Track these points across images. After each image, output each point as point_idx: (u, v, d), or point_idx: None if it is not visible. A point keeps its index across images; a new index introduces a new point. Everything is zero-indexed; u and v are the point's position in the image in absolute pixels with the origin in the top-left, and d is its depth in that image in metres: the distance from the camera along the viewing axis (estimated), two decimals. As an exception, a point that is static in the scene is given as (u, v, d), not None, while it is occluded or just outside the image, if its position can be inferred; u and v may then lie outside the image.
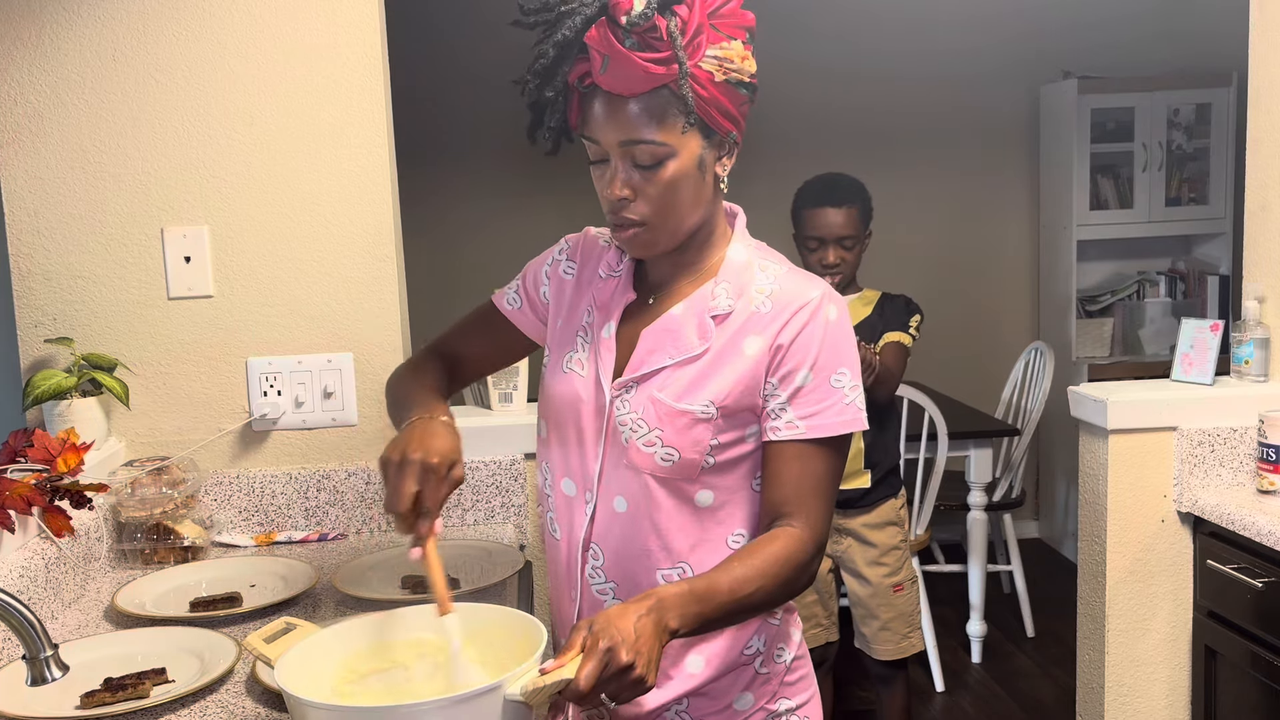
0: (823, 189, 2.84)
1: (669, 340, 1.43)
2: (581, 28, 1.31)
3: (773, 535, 1.38)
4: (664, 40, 1.29)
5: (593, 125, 1.36)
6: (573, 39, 1.32)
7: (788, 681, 1.50)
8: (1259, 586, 2.33)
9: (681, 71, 1.29)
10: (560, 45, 1.32)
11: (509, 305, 1.63)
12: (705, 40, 1.32)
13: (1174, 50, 5.18)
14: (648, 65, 1.29)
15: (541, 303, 1.59)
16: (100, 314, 2.25)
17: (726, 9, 1.34)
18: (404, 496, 1.31)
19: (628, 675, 1.17)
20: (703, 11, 1.32)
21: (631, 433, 1.41)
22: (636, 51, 1.29)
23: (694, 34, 1.31)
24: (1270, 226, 2.61)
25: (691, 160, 1.36)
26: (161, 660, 1.62)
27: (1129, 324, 5.25)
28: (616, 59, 1.29)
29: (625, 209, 1.38)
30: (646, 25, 1.28)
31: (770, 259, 1.47)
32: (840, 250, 2.81)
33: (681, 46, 1.29)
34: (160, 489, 2.15)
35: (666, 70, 1.30)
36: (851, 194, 2.84)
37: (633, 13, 1.28)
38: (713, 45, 1.33)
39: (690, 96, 1.31)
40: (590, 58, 1.32)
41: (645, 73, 1.29)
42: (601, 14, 1.30)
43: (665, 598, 1.26)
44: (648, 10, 1.27)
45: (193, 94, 2.22)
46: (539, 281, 1.59)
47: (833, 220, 2.80)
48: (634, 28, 1.28)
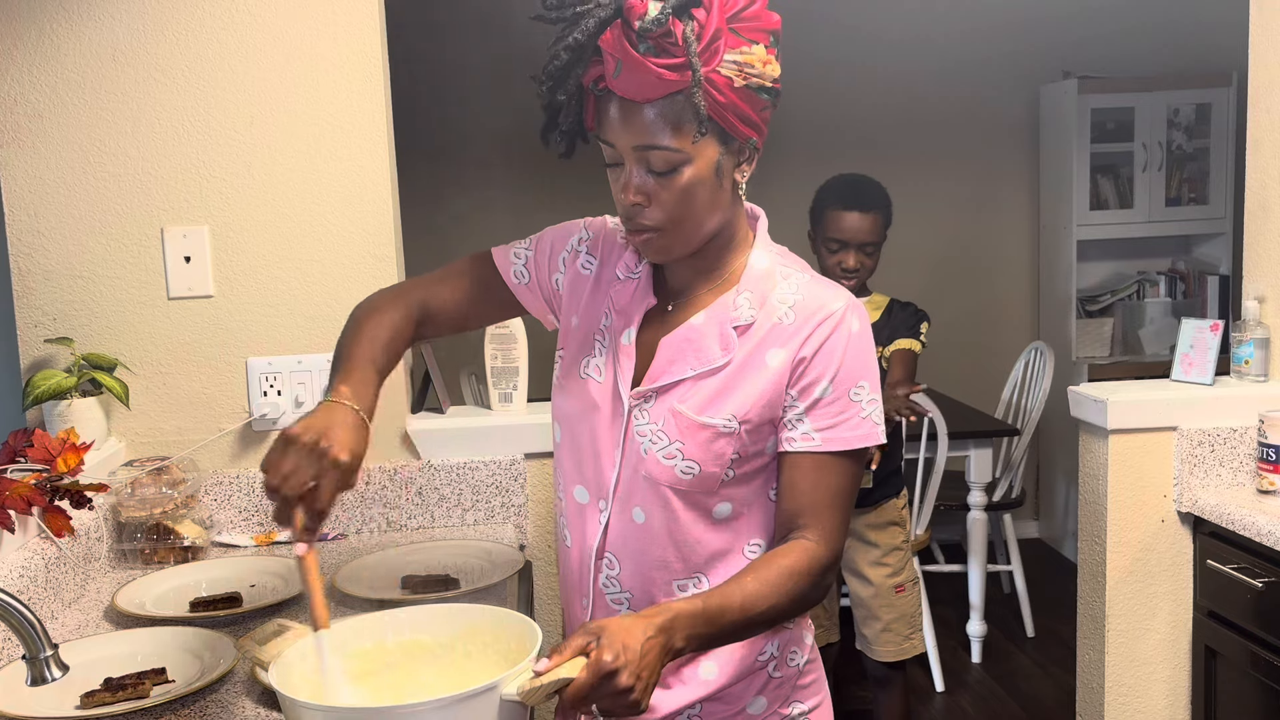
0: (850, 192, 2.81)
1: (690, 350, 1.40)
2: (595, 31, 1.27)
3: (788, 549, 1.37)
4: (679, 46, 1.25)
5: (607, 129, 1.33)
6: (585, 42, 1.28)
7: (800, 685, 1.49)
8: (1259, 586, 2.33)
9: (694, 79, 1.26)
10: (573, 48, 1.29)
11: (515, 279, 1.55)
12: (724, 45, 1.28)
13: (1174, 50, 5.17)
14: (661, 71, 1.26)
15: (553, 288, 1.54)
16: (100, 314, 2.25)
17: (748, 12, 1.30)
18: (298, 484, 1.26)
19: (625, 697, 1.17)
20: (722, 16, 1.28)
21: (651, 444, 1.39)
22: (651, 57, 1.25)
23: (711, 39, 1.27)
24: (1270, 226, 2.60)
25: (708, 167, 1.33)
26: (161, 660, 1.62)
27: (1129, 324, 5.25)
28: (630, 64, 1.26)
29: (639, 214, 1.35)
30: (661, 30, 1.24)
31: (792, 266, 1.44)
32: (861, 255, 2.80)
33: (696, 53, 1.25)
34: (160, 489, 2.15)
35: (680, 77, 1.26)
36: (878, 200, 2.81)
37: (647, 17, 1.24)
38: (732, 50, 1.29)
39: (702, 104, 1.27)
40: (604, 61, 1.29)
41: (658, 79, 1.26)
42: (616, 17, 1.26)
43: (679, 615, 1.25)
44: (661, 15, 1.24)
45: (193, 94, 2.22)
46: (555, 267, 1.53)
47: (858, 225, 2.78)
48: (648, 33, 1.24)
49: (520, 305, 1.57)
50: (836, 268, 2.79)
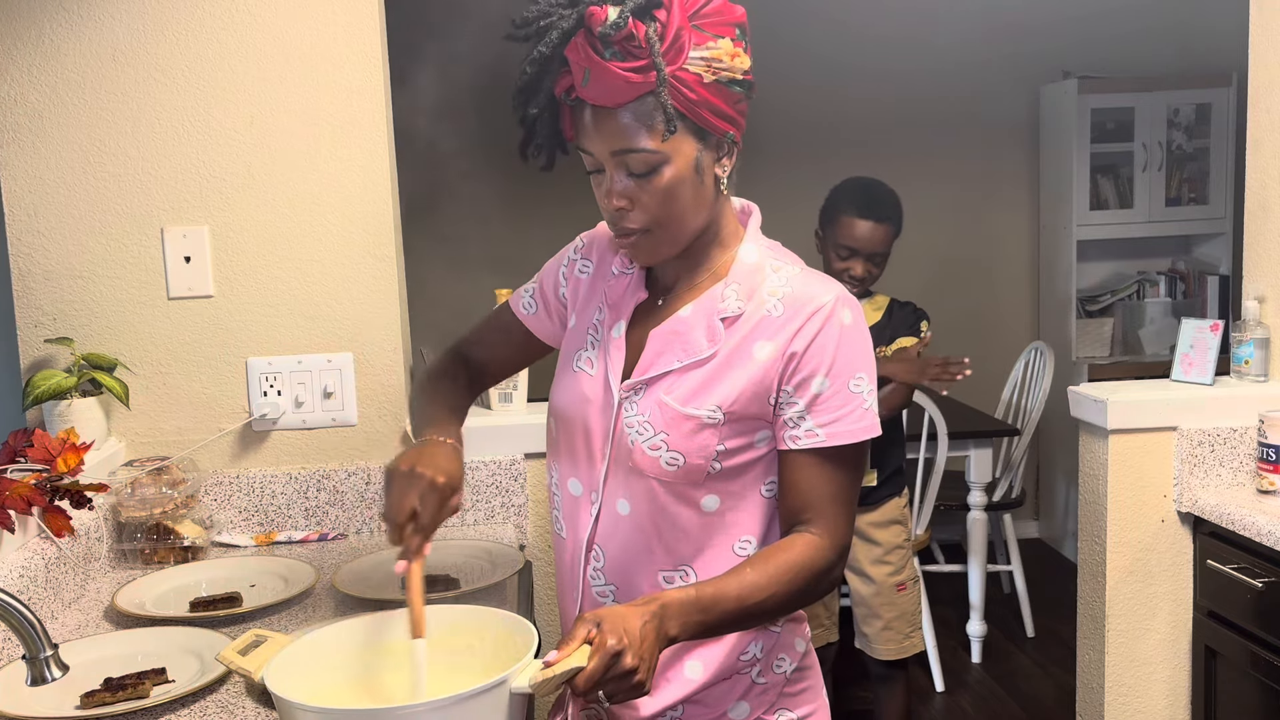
0: (865, 200, 2.78)
1: (677, 342, 1.41)
2: (559, 42, 1.29)
3: (790, 541, 1.37)
4: (642, 47, 1.27)
5: (584, 137, 1.35)
6: (550, 54, 1.30)
7: (788, 692, 1.48)
8: (1259, 586, 2.33)
9: (660, 78, 1.27)
10: (538, 62, 1.31)
11: (524, 310, 1.62)
12: (688, 42, 1.29)
13: (1174, 50, 5.18)
14: (627, 75, 1.27)
15: (559, 303, 1.58)
16: (100, 314, 2.25)
17: (710, 8, 1.31)
18: (404, 508, 1.34)
19: (630, 679, 1.18)
20: (683, 14, 1.29)
21: (638, 435, 1.39)
22: (615, 61, 1.27)
23: (674, 38, 1.28)
24: (1270, 226, 2.60)
25: (687, 164, 1.34)
26: (161, 660, 1.62)
27: (1129, 324, 5.25)
28: (596, 71, 1.28)
29: (624, 218, 1.37)
30: (623, 34, 1.26)
31: (783, 259, 1.44)
32: (870, 265, 2.79)
33: (660, 53, 1.27)
34: (160, 489, 2.15)
35: (646, 78, 1.28)
36: (892, 210, 2.80)
37: (607, 22, 1.26)
38: (697, 46, 1.30)
39: (669, 103, 1.28)
40: (572, 70, 1.31)
41: (626, 82, 1.28)
42: (579, 27, 1.28)
43: (669, 604, 1.26)
44: (620, 20, 1.25)
45: (193, 94, 2.22)
46: (557, 283, 1.58)
47: (871, 235, 2.76)
48: (609, 38, 1.26)
49: (540, 341, 1.63)
50: (844, 274, 2.78)
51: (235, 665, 1.46)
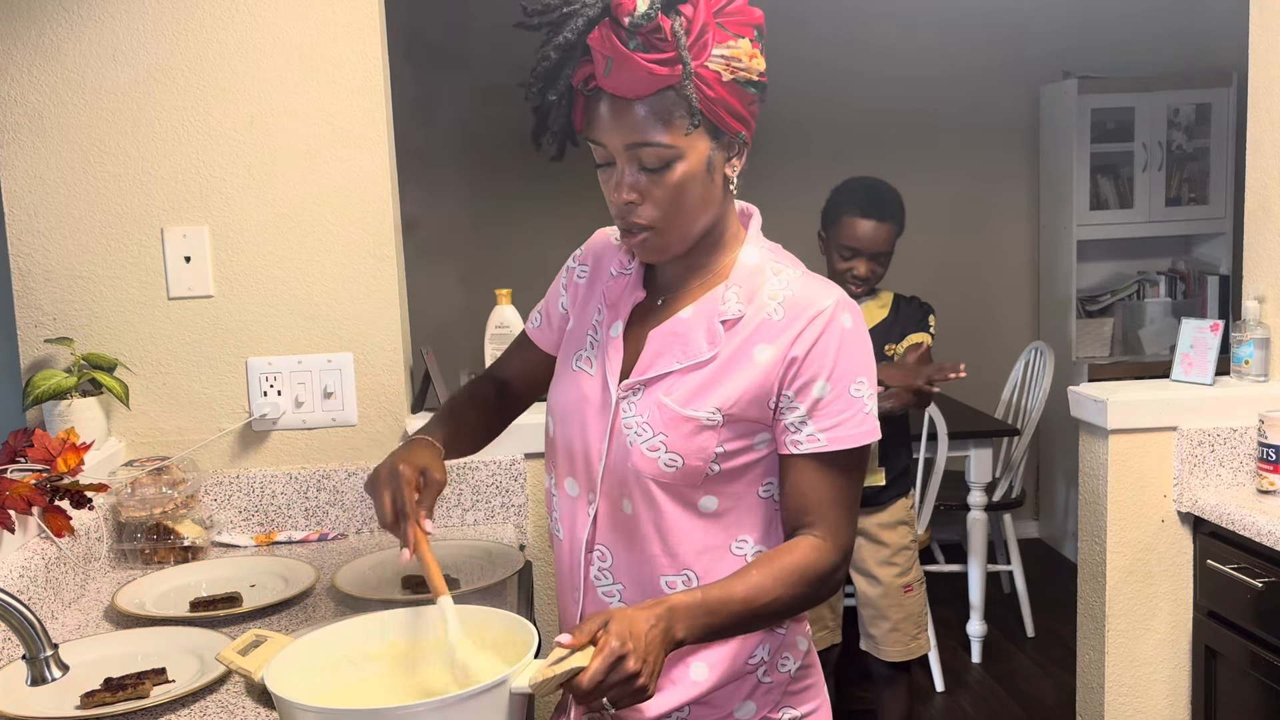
0: (868, 200, 2.78)
1: (677, 344, 1.40)
2: (584, 29, 1.28)
3: (794, 544, 1.37)
4: (668, 41, 1.26)
5: (598, 128, 1.34)
6: (575, 41, 1.29)
7: (792, 690, 1.48)
8: (1259, 586, 2.33)
9: (685, 72, 1.27)
10: (562, 48, 1.30)
11: (533, 326, 1.65)
12: (711, 39, 1.29)
13: (1174, 50, 5.18)
14: (652, 66, 1.26)
15: (561, 314, 1.59)
16: (100, 314, 2.25)
17: (733, 6, 1.32)
18: (385, 508, 1.38)
19: (632, 682, 1.18)
20: (708, 10, 1.29)
21: (636, 436, 1.39)
22: (640, 53, 1.26)
23: (699, 33, 1.28)
24: (1270, 226, 2.60)
25: (700, 162, 1.34)
26: (161, 660, 1.62)
27: (1129, 324, 5.25)
28: (620, 61, 1.27)
29: (633, 213, 1.36)
30: (650, 26, 1.25)
31: (784, 262, 1.44)
32: (873, 264, 2.78)
33: (686, 47, 1.26)
34: (160, 489, 2.15)
35: (670, 71, 1.27)
36: (894, 210, 2.79)
37: (636, 13, 1.25)
38: (719, 44, 1.30)
39: (695, 97, 1.28)
40: (594, 60, 1.30)
41: (649, 74, 1.27)
42: (604, 15, 1.27)
43: (676, 607, 1.26)
44: (651, 10, 1.25)
45: (193, 94, 2.22)
46: (557, 295, 1.60)
47: (874, 235, 2.76)
48: (638, 29, 1.25)
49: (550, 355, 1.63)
50: (847, 274, 2.77)
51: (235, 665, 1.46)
